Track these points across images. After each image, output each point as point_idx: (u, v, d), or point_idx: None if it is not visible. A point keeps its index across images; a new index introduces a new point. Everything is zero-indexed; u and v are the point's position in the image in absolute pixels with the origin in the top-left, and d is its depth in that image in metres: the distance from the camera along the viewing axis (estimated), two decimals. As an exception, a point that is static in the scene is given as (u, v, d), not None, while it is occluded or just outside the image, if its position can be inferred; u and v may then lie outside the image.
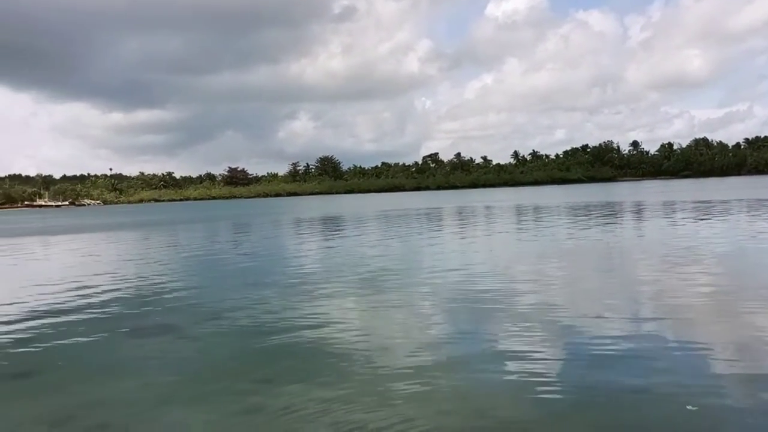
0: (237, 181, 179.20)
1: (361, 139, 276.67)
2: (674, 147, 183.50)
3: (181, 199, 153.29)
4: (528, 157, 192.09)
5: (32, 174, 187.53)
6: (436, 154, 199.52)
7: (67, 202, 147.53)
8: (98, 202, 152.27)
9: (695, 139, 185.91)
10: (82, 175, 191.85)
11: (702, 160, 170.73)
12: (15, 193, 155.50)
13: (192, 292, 10.83)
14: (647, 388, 4.99)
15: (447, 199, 65.84)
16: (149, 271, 14.05)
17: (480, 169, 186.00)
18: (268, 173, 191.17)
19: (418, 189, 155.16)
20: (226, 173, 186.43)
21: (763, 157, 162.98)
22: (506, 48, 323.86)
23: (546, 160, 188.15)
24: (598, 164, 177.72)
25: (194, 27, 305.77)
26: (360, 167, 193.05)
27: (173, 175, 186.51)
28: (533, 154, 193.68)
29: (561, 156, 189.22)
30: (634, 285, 9.93)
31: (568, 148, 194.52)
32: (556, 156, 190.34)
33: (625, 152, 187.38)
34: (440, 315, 8.19)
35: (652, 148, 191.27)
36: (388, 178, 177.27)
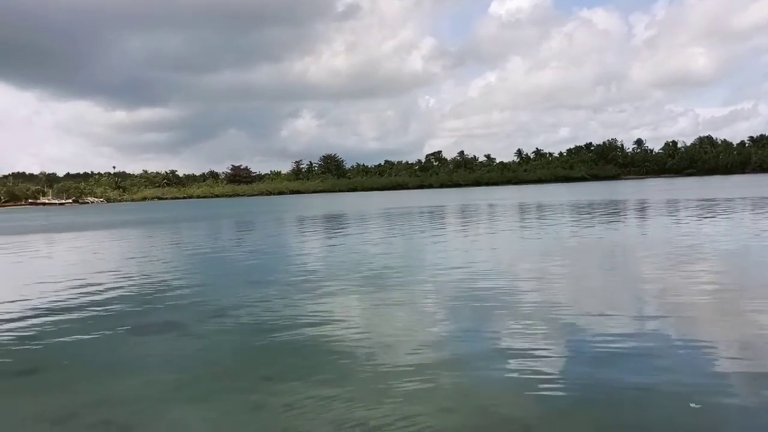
0: (240, 179, 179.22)
1: (364, 137, 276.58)
2: (678, 145, 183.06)
3: (184, 197, 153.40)
4: (531, 156, 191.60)
5: (36, 172, 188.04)
6: (440, 152, 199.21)
7: (70, 200, 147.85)
8: (101, 200, 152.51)
9: (699, 137, 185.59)
10: (85, 173, 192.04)
11: (706, 159, 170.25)
12: (19, 190, 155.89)
13: (195, 290, 10.85)
14: (650, 386, 4.99)
15: (450, 198, 65.79)
16: (152, 269, 14.09)
17: (483, 167, 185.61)
18: (271, 171, 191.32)
19: (421, 187, 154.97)
20: (229, 171, 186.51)
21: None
22: (510, 46, 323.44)
23: (550, 158, 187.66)
24: (602, 162, 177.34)
25: (197, 25, 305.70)
26: (363, 165, 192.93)
27: (176, 173, 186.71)
28: (537, 152, 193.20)
29: (565, 154, 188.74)
30: (638, 283, 9.92)
31: (571, 146, 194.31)
32: (560, 154, 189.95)
33: (629, 150, 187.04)
34: (443, 313, 8.19)
35: (656, 146, 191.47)
36: (391, 176, 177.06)
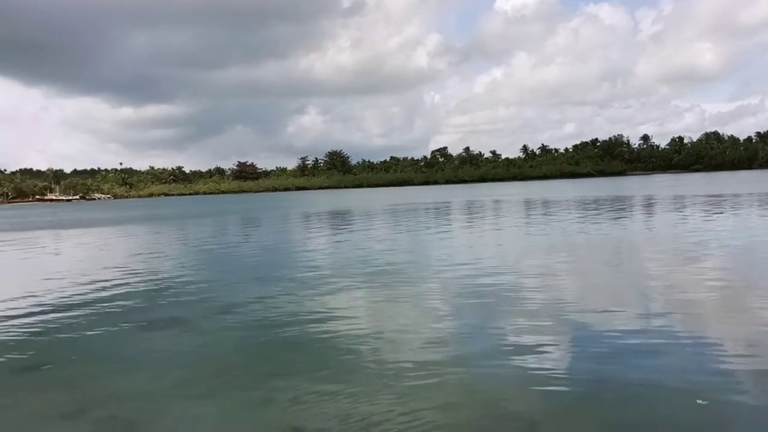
0: (246, 175, 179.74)
1: (369, 133, 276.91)
2: (685, 141, 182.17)
3: (190, 194, 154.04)
4: (537, 152, 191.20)
5: (43, 168, 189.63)
6: (445, 148, 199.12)
7: (77, 197, 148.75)
8: (108, 196, 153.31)
9: (706, 132, 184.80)
10: (92, 170, 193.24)
11: (713, 154, 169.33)
12: (26, 187, 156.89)
13: (201, 286, 10.89)
14: (657, 382, 4.97)
15: (456, 194, 65.71)
16: (159, 265, 14.14)
17: (489, 163, 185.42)
18: (277, 167, 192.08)
19: (426, 183, 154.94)
20: (235, 167, 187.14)
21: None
22: (516, 42, 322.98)
23: (555, 154, 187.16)
24: (608, 158, 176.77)
25: (203, 22, 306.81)
26: (369, 162, 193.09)
27: (183, 169, 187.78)
28: (542, 148, 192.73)
29: (570, 150, 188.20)
30: (644, 279, 9.88)
31: (577, 142, 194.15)
32: (566, 150, 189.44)
33: (635, 146, 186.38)
34: (448, 309, 8.18)
35: (662, 142, 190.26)
36: (396, 172, 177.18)
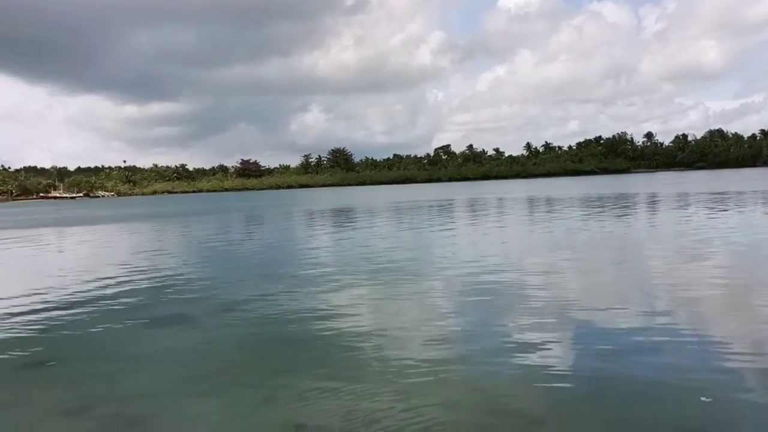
0: (249, 173, 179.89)
1: (373, 131, 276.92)
2: (689, 138, 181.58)
3: (194, 191, 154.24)
4: (541, 149, 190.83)
5: (47, 166, 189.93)
6: (449, 146, 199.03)
7: (81, 194, 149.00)
8: (112, 193, 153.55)
9: (710, 130, 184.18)
10: (96, 167, 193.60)
11: (717, 152, 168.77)
12: (30, 184, 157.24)
13: (205, 283, 10.92)
14: (661, 380, 4.97)
15: (459, 191, 65.66)
16: (162, 263, 14.17)
17: (492, 160, 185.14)
18: (280, 165, 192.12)
19: (430, 181, 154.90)
20: (238, 165, 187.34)
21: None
22: (519, 39, 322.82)
23: (559, 152, 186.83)
24: (612, 156, 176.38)
25: (206, 20, 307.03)
26: (372, 159, 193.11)
27: (186, 167, 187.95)
28: (546, 145, 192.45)
29: (574, 148, 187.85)
30: (648, 277, 9.86)
31: (581, 139, 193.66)
32: (569, 148, 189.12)
33: (639, 144, 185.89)
34: (451, 306, 8.19)
35: (666, 139, 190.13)
36: (400, 170, 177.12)
